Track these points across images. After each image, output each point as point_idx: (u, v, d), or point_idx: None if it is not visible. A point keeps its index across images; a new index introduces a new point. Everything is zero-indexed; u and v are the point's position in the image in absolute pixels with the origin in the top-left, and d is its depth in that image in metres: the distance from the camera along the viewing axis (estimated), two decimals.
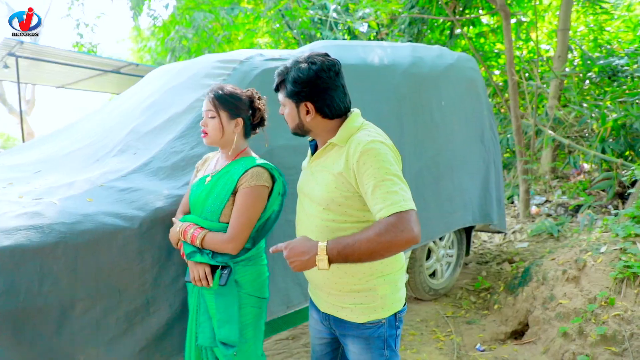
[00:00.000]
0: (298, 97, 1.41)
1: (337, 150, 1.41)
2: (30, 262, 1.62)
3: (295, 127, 1.48)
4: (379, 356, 1.47)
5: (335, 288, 1.46)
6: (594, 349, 2.46)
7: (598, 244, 2.91)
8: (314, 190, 1.45)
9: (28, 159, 2.52)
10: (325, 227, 1.42)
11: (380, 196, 1.23)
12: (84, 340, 1.74)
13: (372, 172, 1.26)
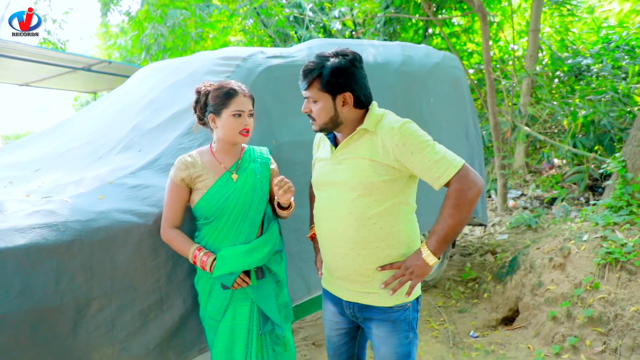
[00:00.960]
0: (337, 88, 1.43)
1: (369, 136, 1.46)
2: (46, 261, 1.59)
3: (328, 120, 1.48)
4: (404, 338, 1.54)
5: (364, 275, 1.51)
6: (582, 330, 2.61)
7: (580, 233, 3.08)
8: (344, 178, 1.48)
9: (23, 157, 2.45)
10: (359, 213, 1.45)
11: (433, 166, 1.37)
12: (99, 339, 1.73)
13: (415, 148, 1.37)
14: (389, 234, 1.48)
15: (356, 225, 1.45)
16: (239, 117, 1.67)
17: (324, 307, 1.79)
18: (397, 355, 1.55)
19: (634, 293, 2.60)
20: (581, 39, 8.15)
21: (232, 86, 1.70)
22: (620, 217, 3.04)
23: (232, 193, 1.70)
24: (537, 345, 2.70)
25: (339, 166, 1.52)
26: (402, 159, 1.40)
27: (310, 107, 1.50)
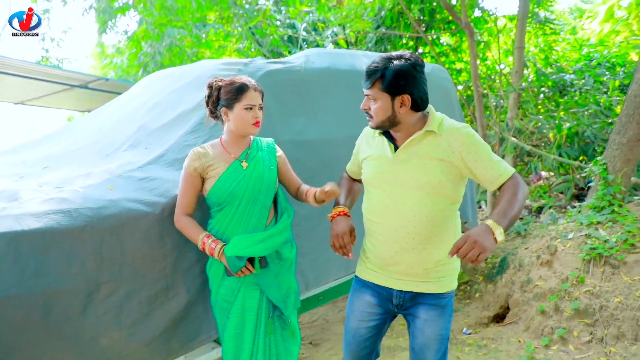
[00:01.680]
0: (397, 90, 1.52)
1: (433, 137, 1.56)
2: (59, 244, 1.68)
3: (385, 119, 1.56)
4: (448, 322, 1.67)
5: (422, 266, 1.61)
6: (570, 322, 2.71)
7: (566, 232, 3.21)
8: (412, 176, 1.56)
9: (30, 157, 2.54)
10: (428, 210, 1.55)
11: (495, 167, 1.51)
12: (107, 324, 1.79)
13: (479, 149, 1.52)
14: (449, 228, 1.61)
15: (425, 222, 1.55)
16: (251, 110, 1.80)
17: (358, 298, 1.80)
18: (440, 336, 1.65)
19: (618, 285, 2.72)
20: (565, 57, 8.47)
21: (243, 81, 1.83)
22: (603, 216, 3.18)
23: (242, 179, 1.82)
24: (528, 339, 2.79)
25: (403, 165, 1.59)
26: (467, 157, 1.52)
27: (369, 105, 1.59)
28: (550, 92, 7.11)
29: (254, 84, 1.85)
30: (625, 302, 2.64)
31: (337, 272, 2.79)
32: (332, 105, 2.86)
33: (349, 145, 2.83)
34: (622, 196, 3.33)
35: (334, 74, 2.92)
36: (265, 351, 1.89)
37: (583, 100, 6.24)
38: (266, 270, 1.88)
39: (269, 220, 1.91)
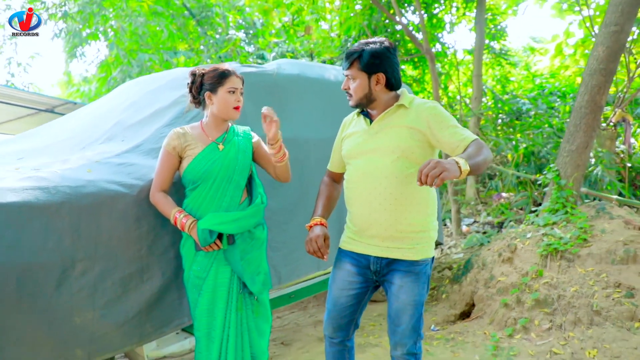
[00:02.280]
0: (373, 69, 1.69)
1: (404, 110, 1.72)
2: (36, 219, 1.71)
3: (363, 96, 1.74)
4: (422, 289, 1.74)
5: (398, 231, 1.71)
6: (531, 312, 2.85)
7: (524, 233, 3.41)
8: (385, 143, 1.71)
9: (3, 151, 2.54)
10: (398, 172, 1.68)
11: (457, 133, 1.63)
12: (81, 302, 1.80)
13: (444, 120, 1.67)
14: (420, 191, 1.71)
15: (396, 183, 1.67)
16: (233, 94, 1.92)
17: (339, 268, 1.88)
18: (415, 302, 1.72)
19: (573, 276, 2.90)
20: (520, 87, 9.05)
21: (226, 67, 1.96)
22: (558, 217, 3.40)
23: (217, 159, 1.91)
24: (492, 330, 2.90)
25: (377, 135, 1.75)
26: (433, 125, 1.67)
27: (349, 85, 1.76)
28: (507, 118, 7.56)
29: (235, 70, 1.97)
30: (581, 290, 2.81)
31: (310, 268, 2.85)
32: (303, 109, 3.00)
33: (318, 146, 2.99)
34: (574, 199, 3.58)
35: (304, 81, 3.08)
36: (237, 327, 1.93)
37: (537, 123, 6.67)
38: (233, 247, 1.93)
39: (242, 200, 1.99)
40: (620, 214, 3.24)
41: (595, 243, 3.03)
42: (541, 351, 2.62)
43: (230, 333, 1.90)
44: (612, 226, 3.12)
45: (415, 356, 1.78)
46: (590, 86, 3.53)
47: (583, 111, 3.57)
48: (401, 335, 1.75)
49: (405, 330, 1.75)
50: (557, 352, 2.57)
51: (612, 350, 2.45)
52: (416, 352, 1.77)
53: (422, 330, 1.79)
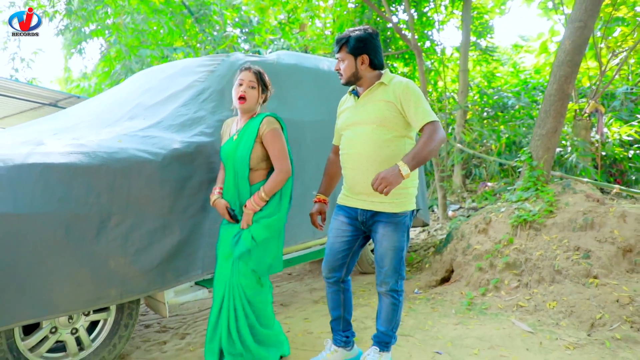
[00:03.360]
0: (358, 51, 2.04)
1: (384, 87, 2.06)
2: (80, 177, 2.05)
3: (351, 75, 2.08)
4: (402, 236, 2.08)
5: None
6: (502, 274, 3.23)
7: (499, 207, 3.79)
8: (367, 115, 2.06)
9: (36, 129, 2.87)
10: (376, 139, 2.03)
11: (419, 112, 1.95)
12: (115, 249, 2.15)
13: (413, 98, 1.98)
14: (397, 155, 2.03)
15: (375, 148, 2.03)
16: (240, 86, 2.24)
17: (336, 219, 2.25)
18: (395, 247, 2.07)
19: (539, 243, 3.28)
20: (506, 82, 9.47)
21: (248, 64, 2.30)
22: (529, 193, 3.78)
23: (228, 149, 2.28)
24: (468, 290, 3.28)
25: (361, 109, 2.10)
26: (403, 101, 2.00)
27: (340, 66, 2.11)
28: (492, 111, 7.96)
29: (251, 67, 2.29)
30: (545, 254, 3.19)
31: (306, 236, 3.20)
32: (299, 94, 3.35)
33: (313, 127, 3.35)
34: (544, 178, 3.96)
35: (301, 70, 3.43)
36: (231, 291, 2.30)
37: (519, 115, 7.08)
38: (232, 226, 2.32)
39: (255, 182, 2.29)
40: (583, 189, 3.63)
41: (560, 214, 3.41)
42: (509, 305, 3.00)
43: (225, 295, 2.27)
44: (574, 199, 3.50)
45: (397, 292, 2.14)
46: (558, 76, 3.91)
47: (552, 99, 3.95)
48: (384, 275, 2.12)
49: (388, 271, 2.11)
50: (522, 305, 2.95)
51: (568, 302, 2.84)
52: (397, 289, 2.13)
53: (403, 272, 2.15)
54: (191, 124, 2.60)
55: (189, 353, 2.53)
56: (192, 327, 2.95)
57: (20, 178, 1.91)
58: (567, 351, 2.40)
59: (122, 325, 2.35)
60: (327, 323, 2.87)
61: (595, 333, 2.56)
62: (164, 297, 2.48)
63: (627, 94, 6.92)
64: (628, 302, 2.67)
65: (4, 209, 1.84)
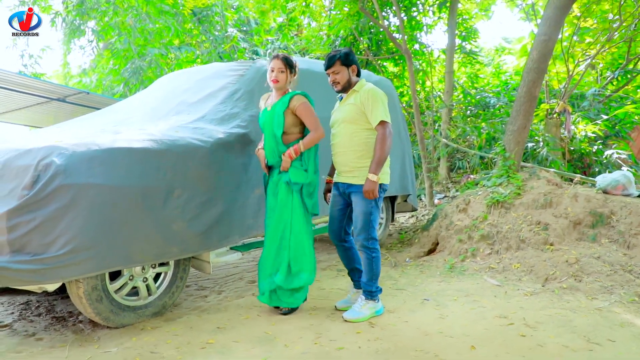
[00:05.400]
0: (350, 62, 2.74)
1: (356, 93, 2.74)
2: (152, 158, 2.65)
3: (345, 83, 2.75)
4: (369, 204, 2.71)
5: (352, 167, 2.74)
6: (478, 244, 3.92)
7: (477, 191, 4.48)
8: (343, 115, 2.76)
9: (94, 124, 3.45)
10: (349, 132, 2.73)
11: (374, 114, 2.64)
12: (177, 215, 2.76)
13: (371, 102, 2.65)
14: (364, 144, 2.72)
15: (347, 138, 2.74)
16: (272, 72, 2.87)
17: (333, 194, 2.98)
18: (364, 212, 2.71)
19: (508, 219, 3.97)
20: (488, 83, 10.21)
21: (276, 53, 2.91)
22: (501, 180, 4.47)
23: (265, 116, 2.90)
24: (450, 258, 3.96)
25: (340, 111, 2.82)
26: (365, 104, 2.68)
27: (335, 77, 2.77)
28: (475, 110, 8.69)
29: (280, 55, 2.89)
30: (512, 227, 3.89)
31: None
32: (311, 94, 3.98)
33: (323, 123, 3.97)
34: (515, 168, 4.65)
35: (312, 74, 4.07)
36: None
37: (499, 114, 7.81)
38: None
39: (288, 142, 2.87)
40: (546, 176, 4.34)
41: (525, 195, 4.11)
42: (483, 267, 3.69)
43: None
44: (538, 184, 4.21)
45: (369, 249, 2.74)
46: (527, 81, 4.61)
47: (522, 100, 4.65)
48: (357, 232, 2.76)
49: (359, 230, 2.74)
50: (493, 267, 3.64)
51: (529, 263, 3.53)
52: (369, 246, 2.74)
53: (373, 233, 2.73)
54: (229, 119, 3.22)
55: (228, 302, 3.16)
56: (226, 286, 3.58)
57: (110, 158, 2.50)
58: (525, 297, 3.09)
59: (178, 277, 2.97)
60: (335, 283, 3.53)
61: (548, 285, 3.26)
62: (209, 257, 3.09)
63: (595, 95, 7.69)
64: (574, 261, 3.37)
65: (99, 180, 2.43)
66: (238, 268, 4.16)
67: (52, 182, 2.27)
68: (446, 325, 2.63)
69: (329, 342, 2.42)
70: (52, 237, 2.28)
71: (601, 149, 6.67)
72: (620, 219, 3.66)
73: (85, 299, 2.47)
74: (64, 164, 2.31)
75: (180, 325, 2.67)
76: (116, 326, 2.63)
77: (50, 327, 2.69)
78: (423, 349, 2.31)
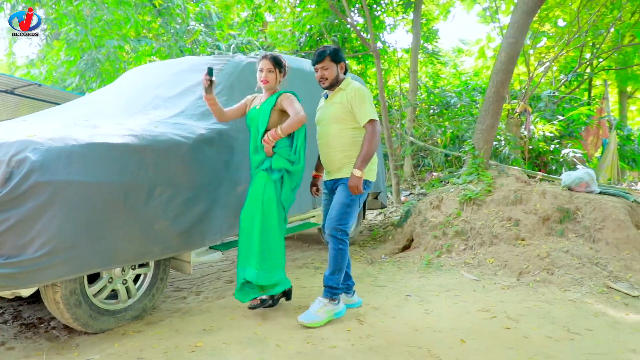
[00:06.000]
0: (339, 59, 2.72)
1: (342, 92, 2.72)
2: (133, 155, 2.53)
3: (333, 79, 2.73)
4: (347, 195, 2.68)
5: (338, 164, 2.73)
6: (452, 240, 4.02)
7: (449, 189, 4.59)
8: (330, 114, 2.73)
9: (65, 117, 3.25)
10: (335, 131, 2.71)
11: (362, 112, 2.62)
12: (159, 214, 2.65)
13: (359, 101, 2.64)
14: (350, 143, 2.71)
15: (333, 137, 2.71)
16: (261, 72, 2.80)
17: (324, 192, 3.00)
18: (340, 202, 2.69)
19: (480, 215, 4.10)
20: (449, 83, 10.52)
21: (265, 53, 2.84)
22: (472, 177, 4.61)
23: (253, 114, 2.83)
24: (426, 254, 4.04)
25: (326, 109, 2.79)
26: (352, 102, 2.66)
27: (323, 73, 2.72)
28: (438, 109, 8.93)
29: (268, 55, 2.83)
30: (485, 224, 4.02)
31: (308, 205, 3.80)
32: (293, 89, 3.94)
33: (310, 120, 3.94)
34: (484, 165, 4.82)
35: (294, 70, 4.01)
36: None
37: (462, 113, 8.06)
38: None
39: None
40: (514, 174, 4.52)
41: (496, 192, 4.26)
42: (459, 262, 3.79)
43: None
44: (507, 181, 4.37)
45: (337, 239, 2.66)
46: (495, 82, 4.77)
47: (490, 100, 4.81)
48: (329, 220, 2.71)
49: (333, 218, 2.70)
50: (468, 262, 3.75)
51: (503, 258, 3.66)
52: (337, 236, 2.66)
53: (344, 226, 2.67)
54: (209, 114, 3.11)
55: (209, 303, 3.07)
56: (203, 286, 3.48)
57: (89, 153, 2.35)
58: (502, 290, 3.20)
59: (158, 278, 2.85)
60: (315, 281, 3.51)
61: (523, 278, 3.39)
62: (190, 257, 2.99)
63: (550, 96, 8.09)
64: (545, 255, 3.53)
65: (78, 177, 2.28)
66: (213, 268, 4.05)
67: (28, 180, 2.11)
68: (433, 320, 2.68)
69: (320, 340, 2.40)
70: (28, 238, 2.12)
71: (558, 148, 7.03)
72: (585, 214, 3.87)
73: (63, 304, 2.32)
74: (40, 160, 2.15)
75: (164, 329, 2.57)
76: (95, 332, 2.49)
77: (21, 334, 2.51)
78: (415, 344, 2.34)
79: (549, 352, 2.27)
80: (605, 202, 3.90)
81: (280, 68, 2.86)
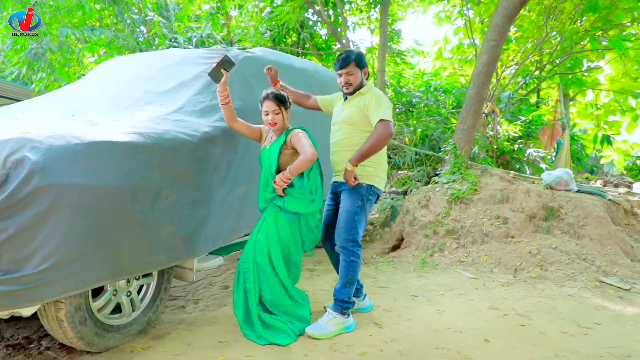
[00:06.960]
0: (363, 65, 2.67)
1: (361, 95, 2.64)
2: (140, 154, 2.32)
3: (357, 85, 2.66)
4: (355, 202, 2.63)
5: (344, 165, 2.61)
6: (443, 239, 4.06)
7: (434, 188, 4.65)
8: (345, 115, 2.66)
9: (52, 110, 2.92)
10: (349, 132, 2.65)
11: (374, 114, 2.55)
12: (165, 218, 2.45)
13: (373, 103, 2.57)
14: (359, 144, 2.62)
15: (345, 138, 2.65)
16: (267, 115, 2.63)
17: (328, 194, 2.91)
18: (347, 210, 2.63)
19: (469, 214, 4.18)
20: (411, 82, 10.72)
21: (266, 92, 2.67)
22: (455, 176, 4.69)
23: (263, 154, 2.70)
24: (418, 253, 4.06)
25: (344, 111, 2.72)
26: (367, 106, 2.60)
27: (348, 79, 2.63)
28: (403, 108, 9.06)
29: (269, 94, 2.66)
30: (474, 222, 4.10)
31: None
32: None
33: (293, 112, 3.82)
34: (465, 165, 4.92)
35: (281, 65, 3.87)
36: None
37: (429, 112, 8.22)
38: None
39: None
40: (497, 173, 4.65)
41: (482, 191, 4.36)
42: (453, 261, 3.83)
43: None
44: (492, 180, 4.49)
45: (348, 251, 2.61)
46: (476, 83, 4.89)
47: (471, 101, 4.92)
48: (339, 232, 2.66)
49: (341, 229, 2.65)
50: (463, 260, 3.80)
51: (496, 255, 3.75)
52: (348, 247, 2.61)
53: (355, 235, 2.61)
54: (210, 111, 2.92)
55: (212, 312, 2.90)
56: (199, 293, 3.28)
57: (95, 153, 2.12)
58: (503, 288, 3.26)
59: (162, 288, 2.64)
60: (314, 284, 3.42)
61: (519, 275, 3.48)
62: (193, 264, 2.80)
63: (509, 98, 8.44)
64: (537, 252, 3.65)
65: (83, 180, 2.04)
66: (202, 273, 3.85)
67: (28, 183, 1.88)
68: (449, 321, 2.68)
69: (347, 347, 2.32)
70: (29, 250, 1.89)
71: (521, 147, 7.35)
72: (568, 212, 4.05)
73: (67, 322, 2.08)
74: (41, 161, 1.92)
75: (175, 343, 2.38)
76: (100, 350, 2.27)
77: (10, 357, 2.23)
78: (443, 346, 2.32)
79: (570, 347, 2.32)
80: (586, 200, 4.10)
81: (285, 105, 2.69)
